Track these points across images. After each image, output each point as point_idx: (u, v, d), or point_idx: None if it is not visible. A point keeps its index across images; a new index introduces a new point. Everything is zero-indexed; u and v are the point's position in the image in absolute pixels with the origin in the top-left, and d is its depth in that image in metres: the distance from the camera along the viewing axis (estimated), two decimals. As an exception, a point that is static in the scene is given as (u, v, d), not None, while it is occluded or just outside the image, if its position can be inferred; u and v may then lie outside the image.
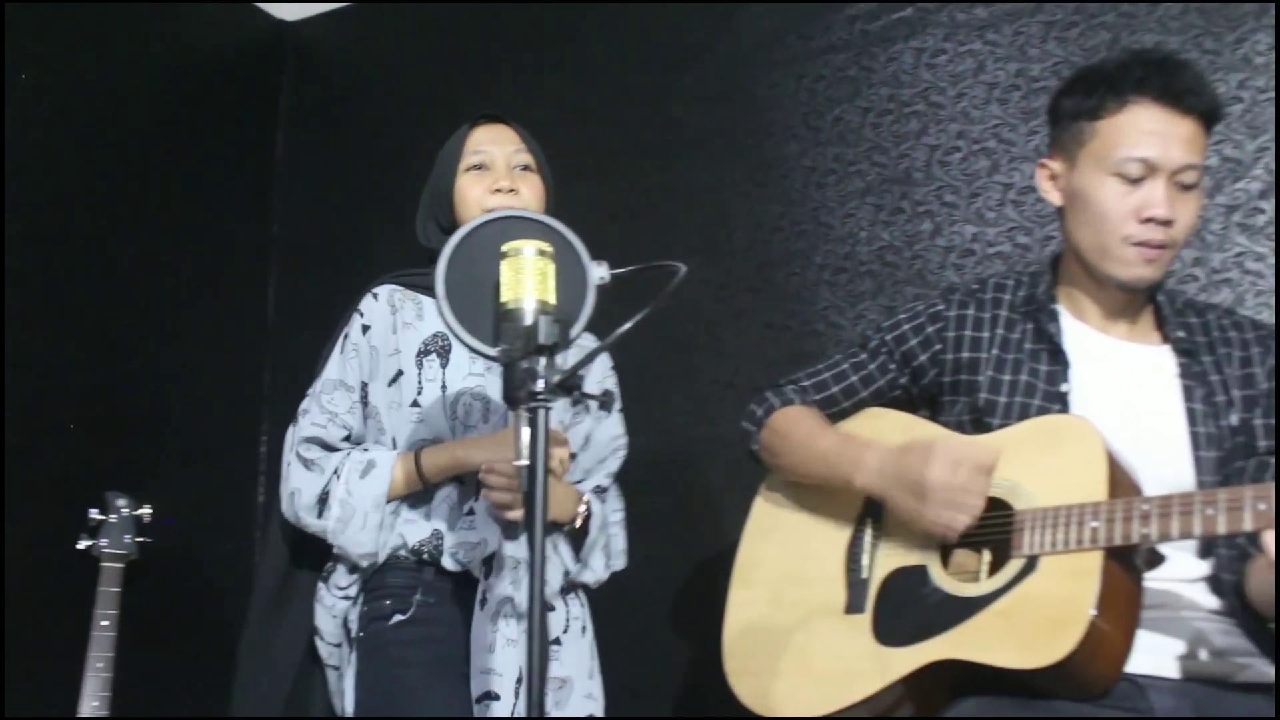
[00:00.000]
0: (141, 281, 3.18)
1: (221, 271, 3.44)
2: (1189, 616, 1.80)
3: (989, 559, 1.84)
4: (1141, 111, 1.85)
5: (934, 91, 2.82)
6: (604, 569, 2.24)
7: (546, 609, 2.12)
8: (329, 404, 2.17)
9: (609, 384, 2.35)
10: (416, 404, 2.15)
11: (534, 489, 1.51)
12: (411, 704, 2.02)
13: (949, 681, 1.78)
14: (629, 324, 1.61)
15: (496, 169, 2.23)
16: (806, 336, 2.86)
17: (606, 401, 1.69)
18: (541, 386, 1.55)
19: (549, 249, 1.68)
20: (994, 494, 1.83)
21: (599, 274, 1.73)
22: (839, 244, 2.87)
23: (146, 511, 2.66)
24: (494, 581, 2.06)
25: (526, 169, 2.26)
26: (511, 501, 2.00)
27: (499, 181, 2.21)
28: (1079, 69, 2.02)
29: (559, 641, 2.15)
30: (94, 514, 2.60)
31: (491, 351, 1.66)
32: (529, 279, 1.64)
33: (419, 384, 2.15)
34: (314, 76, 3.72)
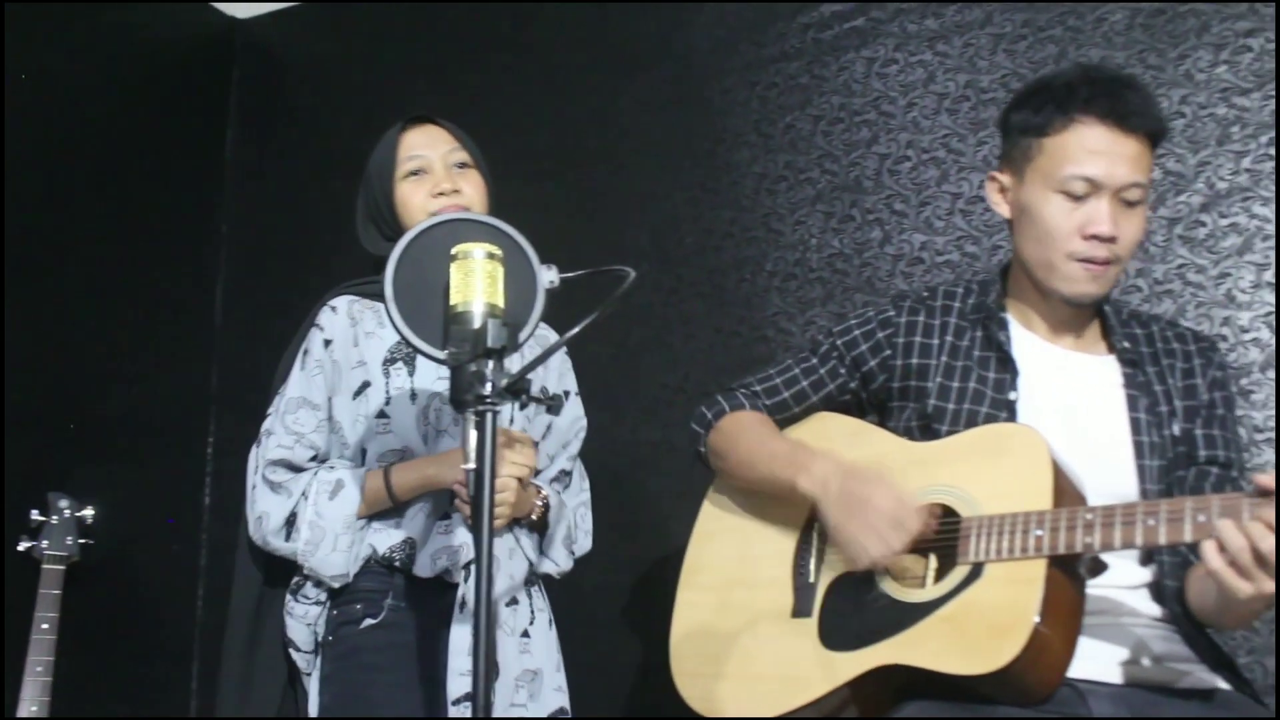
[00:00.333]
0: (87, 279, 3.14)
1: (169, 269, 3.40)
2: (1130, 623, 1.82)
3: (935, 565, 1.85)
4: (1087, 130, 1.87)
5: (885, 101, 2.84)
6: (566, 560, 2.24)
7: (510, 603, 2.12)
8: (294, 424, 2.13)
9: (565, 369, 2.33)
10: (384, 414, 2.12)
11: (480, 493, 1.51)
12: (379, 709, 2.01)
13: (894, 686, 1.78)
14: (577, 328, 1.61)
15: (435, 172, 2.20)
16: (756, 342, 2.87)
17: (554, 405, 1.68)
18: (489, 390, 1.54)
19: (498, 252, 1.67)
20: (941, 500, 1.84)
21: (548, 278, 1.72)
22: (789, 251, 2.88)
23: (89, 513, 2.63)
24: (473, 585, 2.04)
25: (464, 166, 2.23)
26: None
27: (439, 184, 2.18)
28: (1029, 83, 2.03)
29: (529, 634, 2.15)
30: (35, 515, 2.56)
31: (440, 354, 1.66)
32: (478, 282, 1.63)
33: (387, 393, 2.12)
34: (265, 75, 3.68)
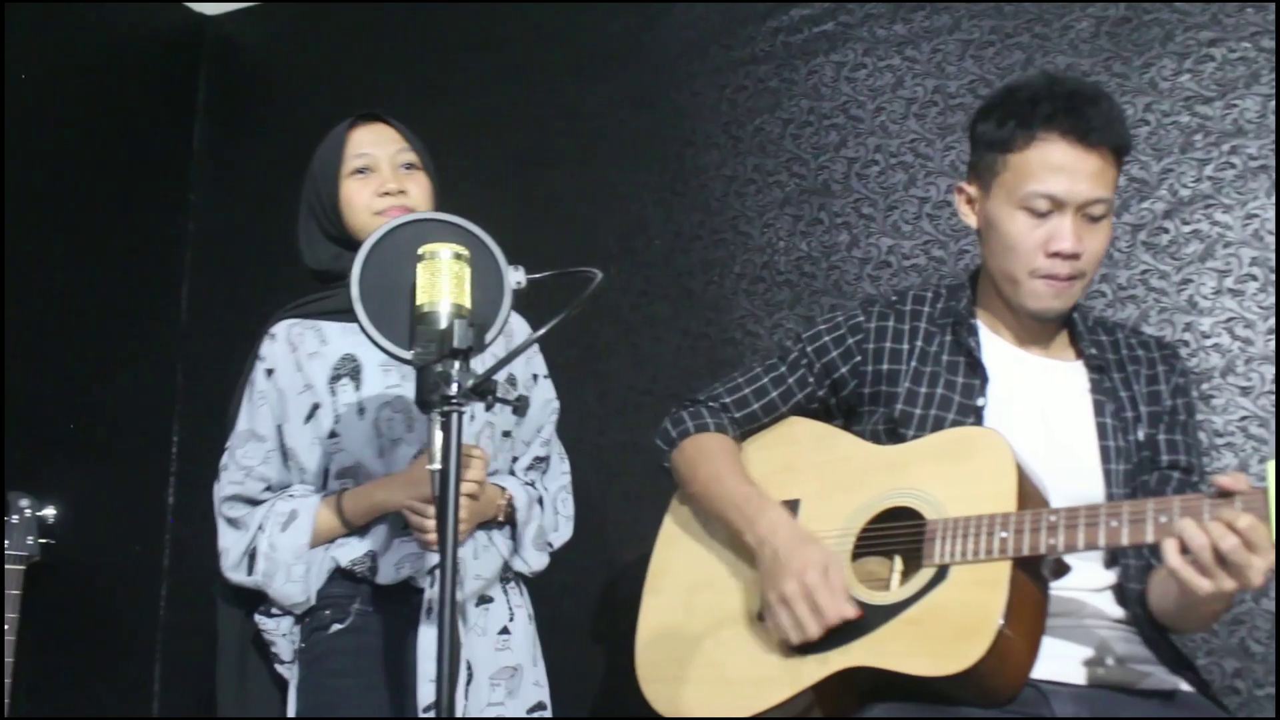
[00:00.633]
0: (51, 277, 3.11)
1: (135, 268, 3.37)
2: (1093, 625, 1.84)
3: (900, 567, 1.86)
4: (1049, 147, 1.86)
5: (853, 105, 2.86)
6: (539, 558, 2.21)
7: (484, 601, 2.12)
8: (243, 458, 2.14)
9: (532, 354, 2.31)
10: (335, 433, 2.11)
11: (445, 494, 1.50)
12: (346, 713, 2.00)
13: (859, 688, 1.79)
14: (544, 329, 1.61)
15: (381, 171, 2.18)
16: (724, 345, 2.87)
17: (520, 407, 1.68)
18: (455, 390, 1.54)
19: (465, 253, 1.67)
20: (906, 504, 1.85)
21: (515, 279, 1.72)
22: (757, 253, 2.89)
23: (50, 512, 2.60)
24: (435, 589, 2.03)
25: (411, 167, 2.21)
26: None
27: (385, 184, 2.16)
28: (995, 92, 2.03)
29: (509, 630, 2.14)
30: (-6, 514, 2.54)
31: (406, 355, 1.65)
32: (445, 282, 1.63)
33: (335, 412, 2.11)
34: (233, 72, 3.66)
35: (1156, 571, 1.84)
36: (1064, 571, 1.78)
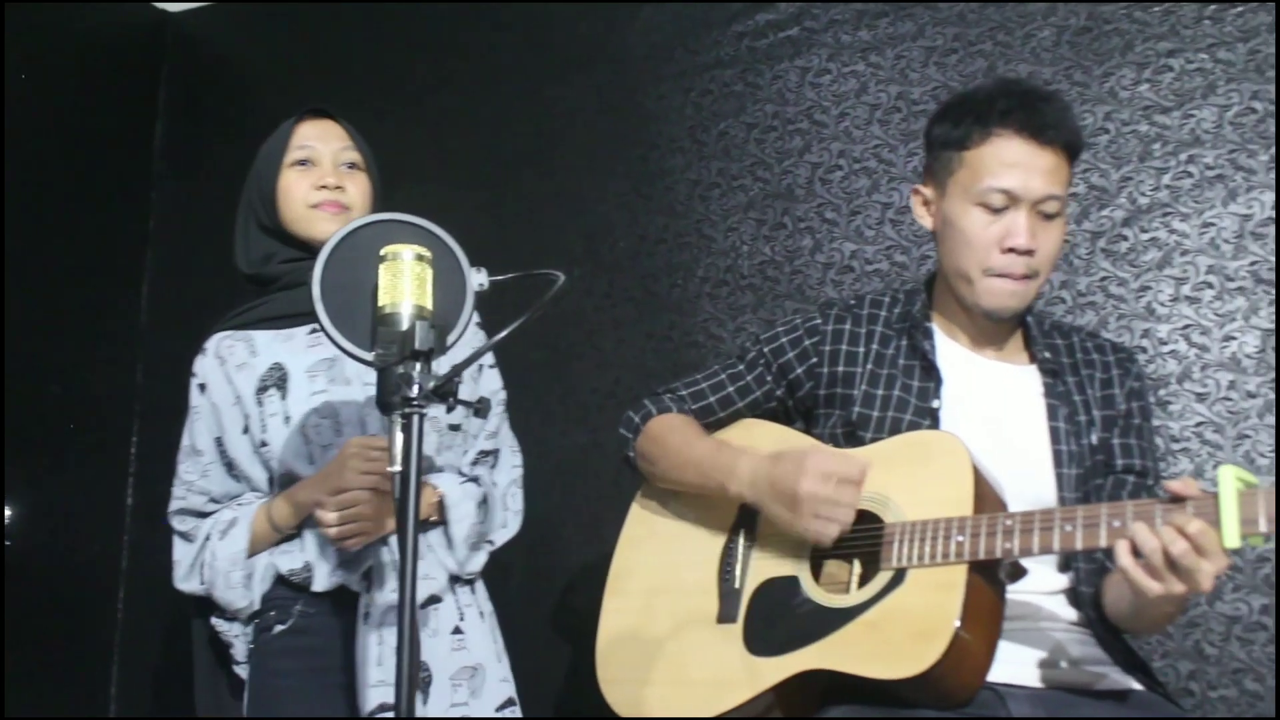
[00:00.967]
0: (9, 274, 3.07)
1: (95, 266, 3.34)
2: (1048, 627, 1.86)
3: (859, 570, 1.87)
4: (1004, 144, 1.89)
5: (817, 110, 2.87)
6: (470, 558, 2.17)
7: (432, 601, 2.11)
8: (184, 474, 2.18)
9: (478, 342, 2.25)
10: (265, 444, 2.12)
11: (405, 495, 1.50)
12: (288, 713, 2.01)
13: (818, 690, 1.80)
14: (505, 331, 1.62)
15: (322, 165, 2.19)
16: (687, 348, 2.88)
17: (481, 409, 1.68)
18: (416, 392, 1.54)
19: (428, 254, 1.67)
20: (864, 507, 1.86)
21: (478, 280, 1.72)
22: (721, 257, 2.90)
23: (7, 513, 2.58)
24: (376, 593, 2.04)
25: (353, 167, 2.21)
26: (343, 533, 2.00)
27: (324, 178, 2.16)
28: (951, 96, 2.06)
29: (461, 630, 2.13)
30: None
31: (367, 356, 1.65)
32: (406, 284, 1.63)
33: (263, 423, 2.12)
34: (196, 70, 3.63)
35: (1110, 575, 1.86)
36: (1020, 575, 1.80)
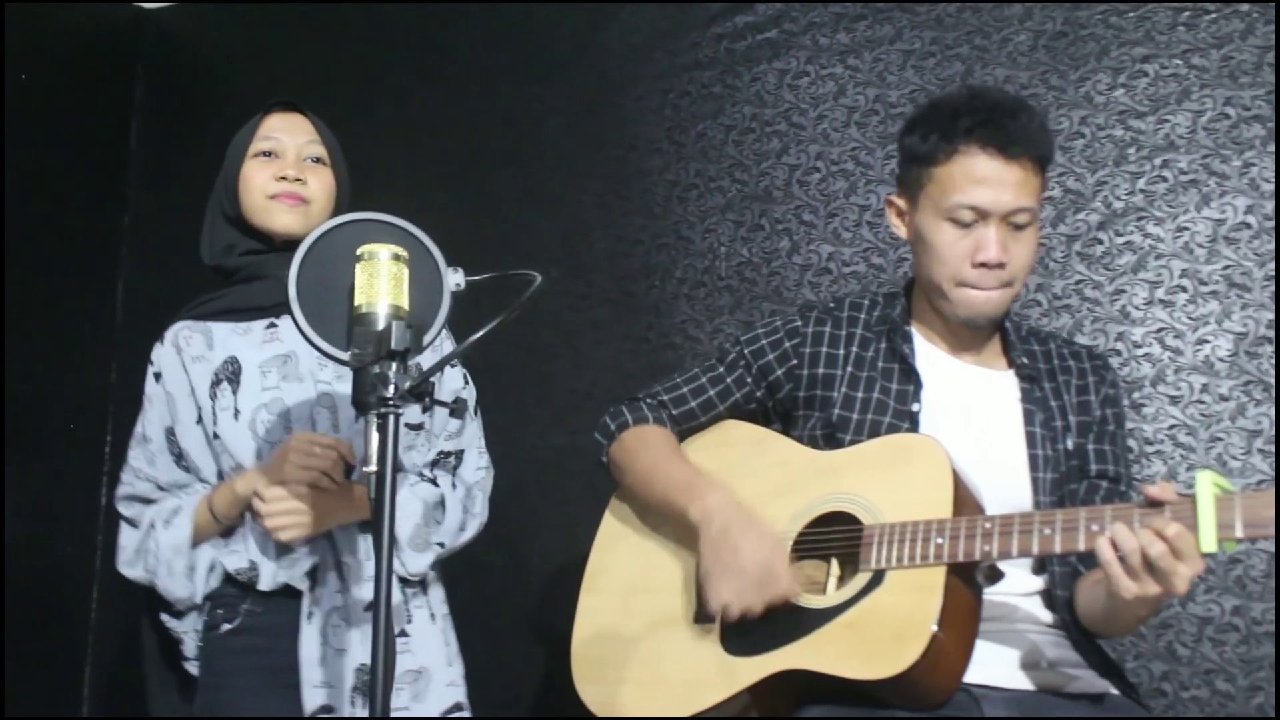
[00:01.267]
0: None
1: (69, 264, 3.32)
2: (1024, 629, 1.87)
3: (837, 572, 1.87)
4: (970, 160, 1.89)
5: (795, 112, 2.87)
6: (418, 560, 2.13)
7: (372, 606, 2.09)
8: (133, 460, 2.18)
9: (443, 339, 2.24)
10: (217, 436, 2.11)
11: (381, 496, 1.49)
12: (233, 713, 2.01)
13: (795, 691, 1.80)
14: (482, 331, 1.61)
15: (286, 157, 2.18)
16: (664, 349, 2.88)
17: (457, 409, 1.67)
18: (392, 392, 1.53)
19: (404, 254, 1.66)
20: (843, 509, 1.87)
21: (454, 280, 1.72)
22: (699, 259, 2.90)
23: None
24: (320, 593, 2.03)
25: (318, 161, 2.21)
26: (277, 525, 1.99)
27: (285, 169, 2.16)
28: (919, 107, 2.05)
29: (406, 633, 2.12)
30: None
31: (343, 355, 1.64)
32: (383, 283, 1.62)
33: (215, 415, 2.11)
34: (172, 67, 3.61)
35: (1083, 578, 1.87)
36: (998, 578, 1.81)
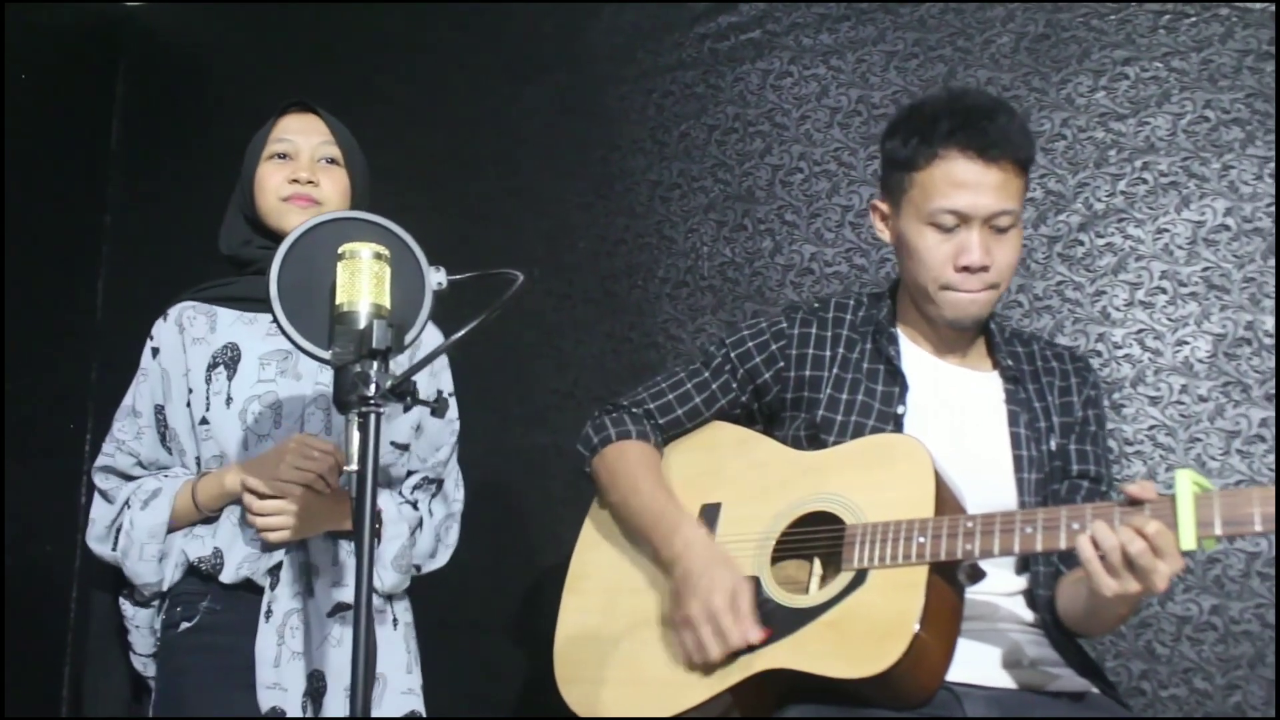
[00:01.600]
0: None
1: (49, 262, 3.29)
2: (1006, 628, 1.87)
3: (820, 571, 1.87)
4: (950, 165, 1.89)
5: (778, 113, 2.88)
6: (395, 578, 2.13)
7: (340, 609, 2.07)
8: (119, 432, 2.16)
9: (439, 368, 2.29)
10: (205, 420, 2.10)
11: (362, 496, 1.49)
12: (190, 713, 1.99)
13: (778, 690, 1.80)
14: (463, 331, 1.61)
15: (300, 159, 2.17)
16: (647, 349, 2.88)
17: (438, 408, 1.67)
18: (373, 391, 1.53)
19: (386, 252, 1.66)
20: (826, 509, 1.87)
21: (436, 279, 1.71)
22: (681, 258, 2.90)
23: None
24: (279, 593, 2.02)
25: (332, 162, 2.20)
26: (267, 525, 1.99)
27: (298, 171, 2.15)
28: (900, 111, 2.05)
29: None
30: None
31: (324, 354, 1.63)
32: (364, 282, 1.62)
33: (206, 399, 2.10)
34: (154, 64, 3.59)
35: (1064, 578, 1.88)
36: (979, 577, 1.81)
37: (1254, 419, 2.40)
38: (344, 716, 1.60)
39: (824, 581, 1.85)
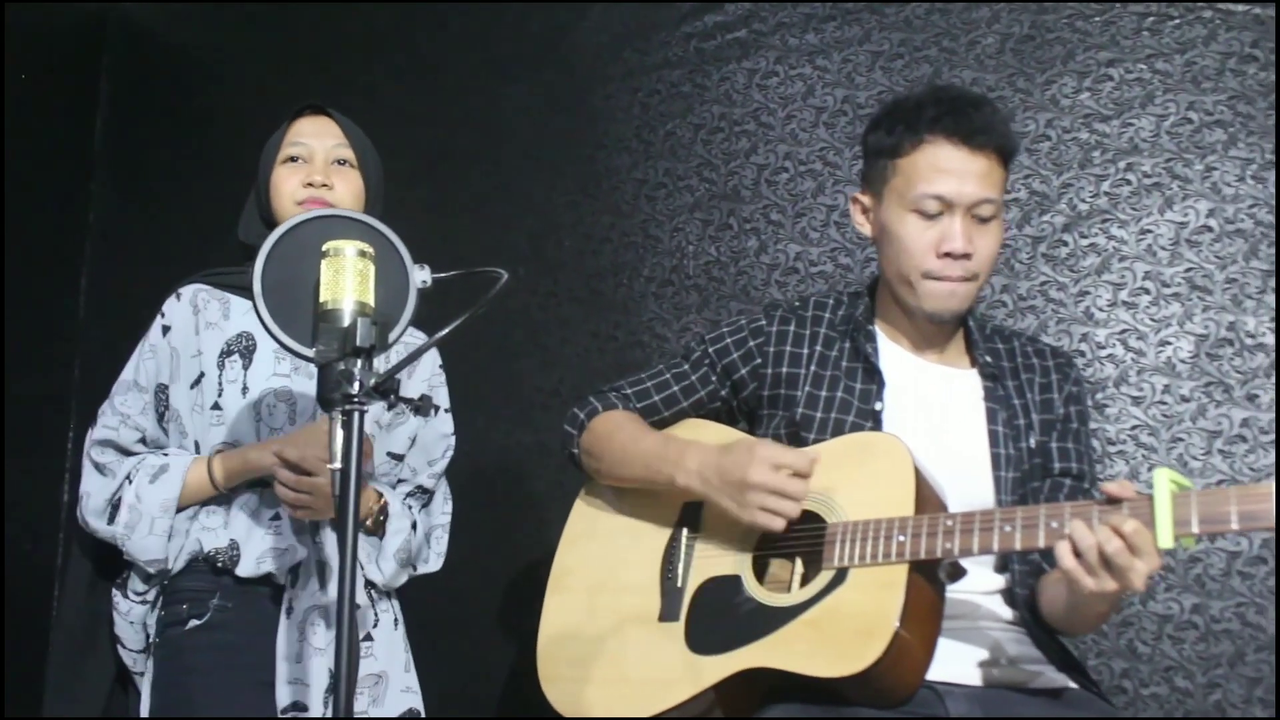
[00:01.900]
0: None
1: (31, 258, 3.28)
2: (986, 627, 1.88)
3: (800, 570, 1.88)
4: (935, 150, 1.91)
5: (764, 112, 2.88)
6: (396, 573, 2.16)
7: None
8: (121, 405, 2.12)
9: (436, 384, 2.31)
10: (218, 406, 2.09)
11: (346, 493, 1.49)
12: (202, 713, 1.97)
13: (759, 689, 1.81)
14: (447, 329, 1.61)
15: (314, 162, 2.17)
16: (632, 347, 2.88)
17: (422, 406, 1.67)
18: (357, 389, 1.53)
19: (370, 250, 1.66)
20: (807, 507, 1.87)
21: (421, 277, 1.71)
22: (666, 257, 2.90)
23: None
24: (300, 589, 2.02)
25: (345, 164, 2.19)
26: (300, 500, 1.96)
27: (313, 175, 2.14)
28: (884, 105, 2.07)
29: (371, 637, 2.11)
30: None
31: (308, 352, 1.63)
32: (349, 280, 1.61)
33: (220, 386, 2.09)
34: (138, 60, 3.57)
35: (1046, 576, 1.88)
36: (959, 575, 1.82)
37: (1235, 419, 2.41)
38: (347, 716, 1.59)
39: (805, 580, 1.86)
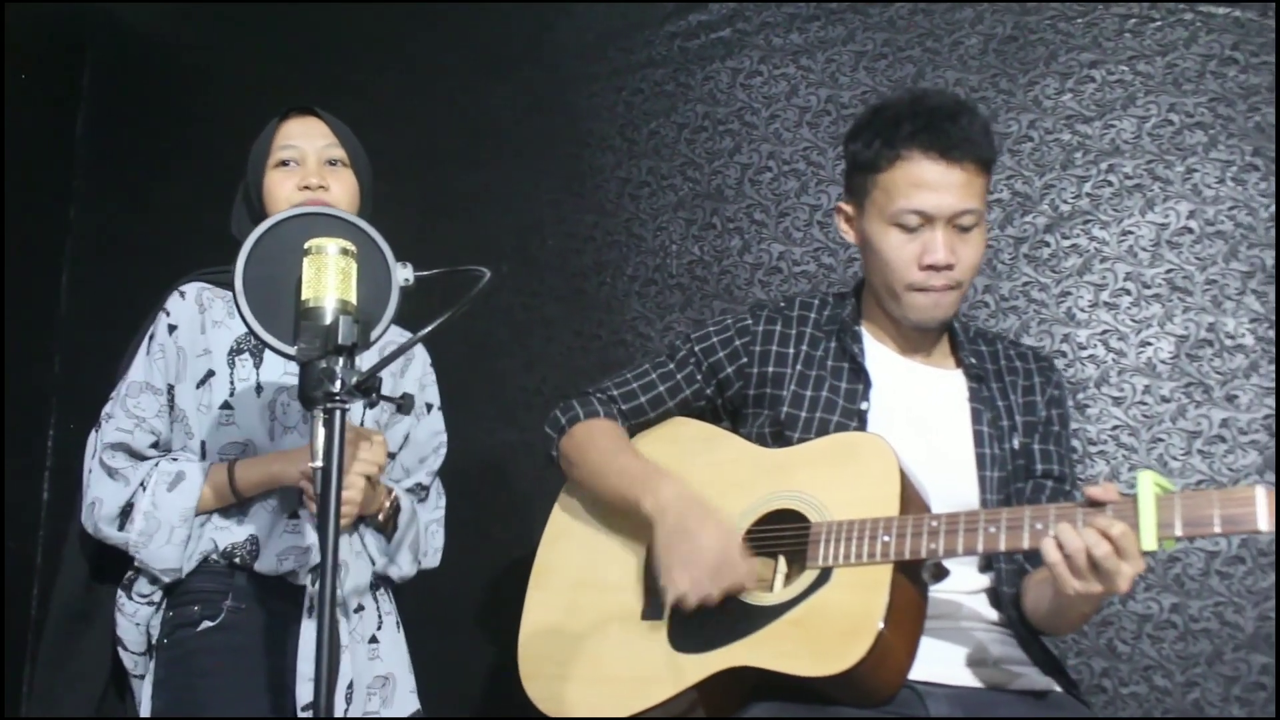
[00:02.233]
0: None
1: (12, 254, 3.26)
2: (969, 627, 1.89)
3: (784, 569, 1.88)
4: (913, 166, 1.91)
5: (748, 112, 2.89)
6: (411, 566, 2.18)
7: (356, 609, 2.08)
8: (135, 408, 2.06)
9: (428, 382, 2.30)
10: (228, 405, 2.06)
11: (327, 491, 1.49)
12: (218, 713, 1.94)
13: (742, 688, 1.81)
14: (429, 328, 1.61)
15: (306, 165, 2.15)
16: (615, 346, 2.88)
17: (404, 405, 1.66)
18: (338, 387, 1.52)
19: (353, 248, 1.65)
20: (791, 506, 1.88)
21: (403, 275, 1.70)
22: (650, 256, 2.90)
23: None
24: (318, 589, 2.00)
25: (338, 164, 2.18)
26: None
27: (308, 178, 2.13)
28: (862, 113, 2.06)
29: (377, 639, 2.11)
30: None
31: (290, 350, 1.63)
32: (331, 278, 1.61)
33: (231, 384, 2.07)
34: (122, 56, 3.55)
35: (1030, 576, 1.89)
36: (943, 575, 1.82)
37: (1215, 419, 2.43)
38: (357, 716, 1.59)
39: (789, 579, 1.86)
